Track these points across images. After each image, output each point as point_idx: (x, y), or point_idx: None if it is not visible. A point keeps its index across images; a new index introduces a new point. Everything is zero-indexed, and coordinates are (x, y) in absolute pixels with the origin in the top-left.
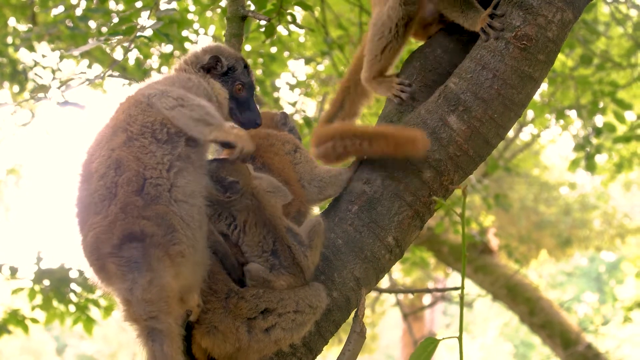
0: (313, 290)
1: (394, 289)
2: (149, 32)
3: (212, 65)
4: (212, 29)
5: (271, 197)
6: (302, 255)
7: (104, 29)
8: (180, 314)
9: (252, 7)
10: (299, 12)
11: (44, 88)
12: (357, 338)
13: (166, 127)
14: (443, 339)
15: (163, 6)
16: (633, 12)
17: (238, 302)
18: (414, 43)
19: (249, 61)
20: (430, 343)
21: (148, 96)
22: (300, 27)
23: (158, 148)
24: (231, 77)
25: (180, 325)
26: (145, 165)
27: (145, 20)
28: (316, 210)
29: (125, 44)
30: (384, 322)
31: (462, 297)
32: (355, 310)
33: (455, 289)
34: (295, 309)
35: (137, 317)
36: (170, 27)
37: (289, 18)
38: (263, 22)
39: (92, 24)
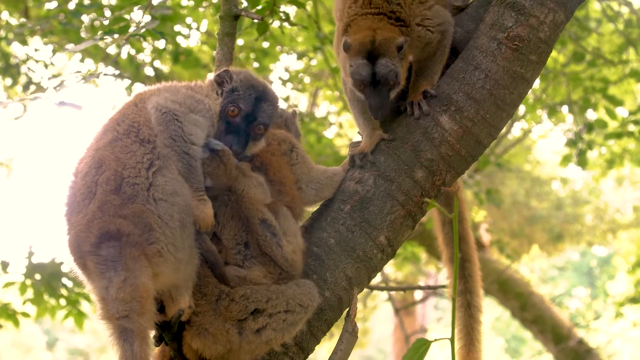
0: (303, 288)
1: (386, 287)
2: (142, 30)
3: (222, 80)
4: (204, 25)
5: (251, 189)
6: (274, 245)
7: (97, 23)
8: (154, 314)
9: (245, 4)
10: (291, 7)
11: (39, 87)
12: (349, 337)
13: (149, 127)
14: (435, 340)
15: (155, 1)
16: (624, 9)
17: (229, 305)
18: None
19: (241, 55)
20: (422, 344)
21: (155, 117)
22: (293, 24)
23: (140, 147)
24: (230, 97)
25: (172, 325)
26: (124, 165)
27: (139, 16)
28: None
29: (121, 42)
30: (376, 316)
31: (454, 298)
32: (348, 309)
33: (447, 287)
34: (285, 309)
35: (110, 315)
36: (164, 25)
37: (281, 15)
38: (256, 21)
39: (85, 18)
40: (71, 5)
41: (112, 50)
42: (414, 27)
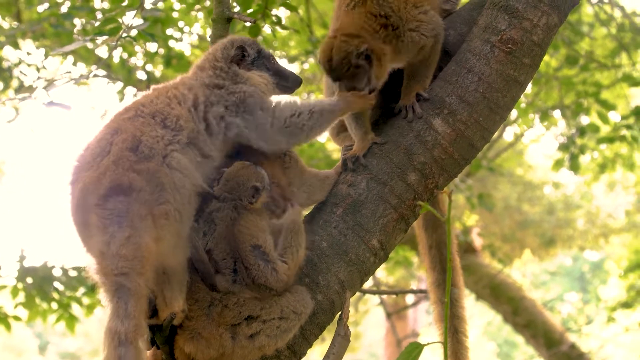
0: (297, 295)
1: (377, 290)
2: (133, 32)
3: (240, 57)
4: (196, 28)
5: (251, 212)
6: (268, 273)
7: (89, 27)
8: (151, 280)
9: (237, 9)
10: (283, 11)
11: (29, 88)
12: (342, 341)
13: (180, 120)
14: (428, 344)
15: (148, 5)
16: (617, 13)
17: (222, 311)
18: None
19: None
20: (414, 348)
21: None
22: (285, 28)
23: (161, 129)
24: (264, 58)
25: (164, 328)
26: (143, 132)
27: (130, 19)
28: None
29: (111, 43)
30: (367, 320)
31: (447, 302)
32: (340, 313)
33: None
34: (280, 316)
35: (108, 271)
36: (155, 27)
37: (273, 19)
38: (248, 24)
39: (77, 21)
40: (63, 9)
41: (104, 53)
42: (407, 32)
